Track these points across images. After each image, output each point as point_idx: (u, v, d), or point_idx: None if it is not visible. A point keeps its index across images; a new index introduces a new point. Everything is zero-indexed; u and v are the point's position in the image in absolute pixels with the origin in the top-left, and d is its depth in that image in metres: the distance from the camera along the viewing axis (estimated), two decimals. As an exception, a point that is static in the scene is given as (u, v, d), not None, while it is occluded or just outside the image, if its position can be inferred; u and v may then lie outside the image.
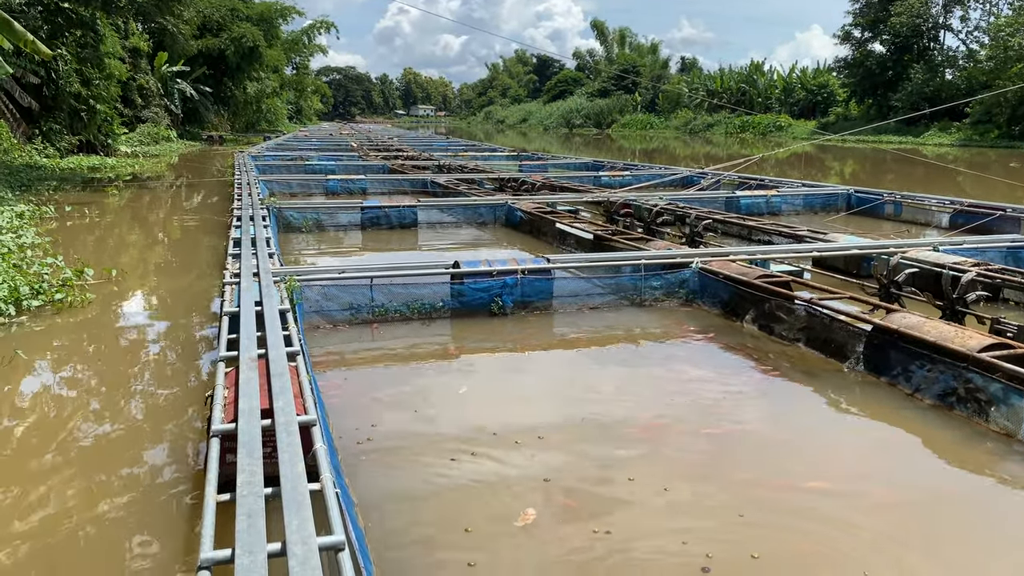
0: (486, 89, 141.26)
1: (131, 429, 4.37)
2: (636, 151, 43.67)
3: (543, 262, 7.12)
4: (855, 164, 31.37)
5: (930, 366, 4.69)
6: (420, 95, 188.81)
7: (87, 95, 23.32)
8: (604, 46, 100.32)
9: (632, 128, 74.70)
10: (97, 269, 8.06)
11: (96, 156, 24.41)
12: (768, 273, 6.73)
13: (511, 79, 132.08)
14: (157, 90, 35.85)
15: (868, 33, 53.38)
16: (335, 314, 6.40)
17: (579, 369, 5.54)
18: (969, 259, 7.20)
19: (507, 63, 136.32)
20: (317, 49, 65.37)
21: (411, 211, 12.16)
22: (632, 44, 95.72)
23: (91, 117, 23.99)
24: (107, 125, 25.84)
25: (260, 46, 44.24)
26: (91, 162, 22.71)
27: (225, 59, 43.53)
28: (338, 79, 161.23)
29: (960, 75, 47.29)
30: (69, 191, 16.28)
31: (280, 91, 61.63)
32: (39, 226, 11.12)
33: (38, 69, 19.95)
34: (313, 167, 21.07)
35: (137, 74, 32.89)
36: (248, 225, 8.68)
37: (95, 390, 5.03)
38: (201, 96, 42.37)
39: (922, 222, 12.41)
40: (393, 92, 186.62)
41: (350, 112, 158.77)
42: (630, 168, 20.27)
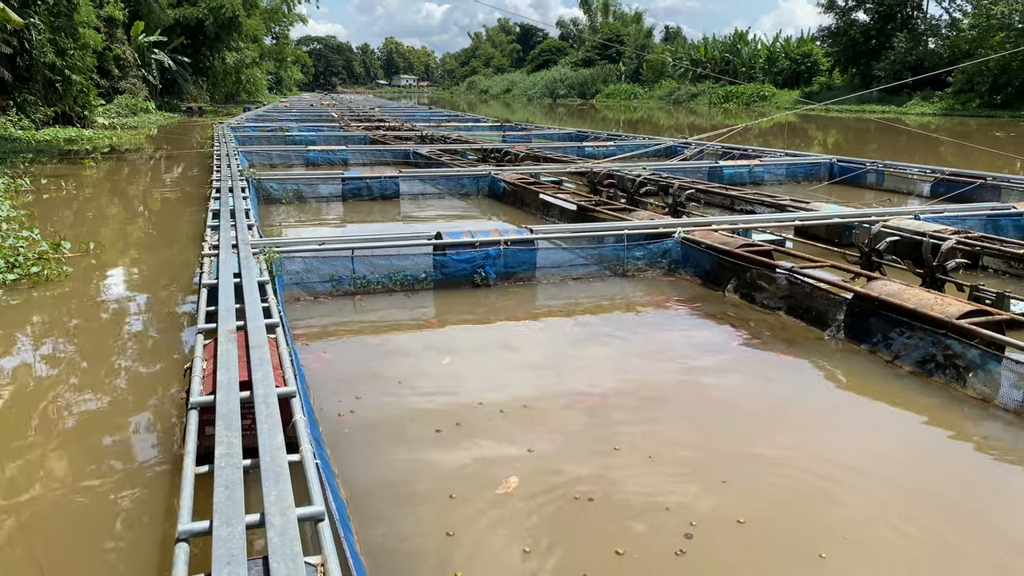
0: (469, 59, 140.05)
1: (111, 402, 4.34)
2: (620, 121, 43.49)
3: (526, 233, 7.09)
4: (838, 134, 31.39)
5: (910, 333, 4.73)
6: (402, 65, 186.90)
7: (62, 65, 22.88)
8: (588, 15, 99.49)
9: (616, 98, 74.32)
10: (75, 242, 7.95)
11: (73, 128, 24.02)
12: (750, 242, 6.74)
13: (494, 48, 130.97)
14: (134, 60, 35.23)
15: (852, 2, 53.17)
16: (316, 286, 6.35)
17: (562, 339, 5.54)
18: (949, 227, 7.23)
19: (490, 32, 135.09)
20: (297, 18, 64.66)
21: (393, 182, 12.07)
22: (616, 13, 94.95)
23: (67, 88, 23.56)
24: (83, 96, 25.39)
25: (239, 15, 43.53)
26: (67, 134, 22.36)
27: (203, 29, 42.80)
28: (319, 49, 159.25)
29: (943, 44, 47.27)
30: (45, 163, 16.02)
31: (260, 61, 60.74)
32: (14, 199, 10.95)
33: (10, 39, 19.53)
34: (293, 138, 20.83)
35: (113, 44, 32.29)
36: (227, 197, 8.58)
37: (74, 364, 4.98)
38: (179, 67, 41.68)
39: (904, 191, 12.46)
40: (375, 62, 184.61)
41: (331, 82, 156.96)
42: (614, 139, 20.18)
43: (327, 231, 9.89)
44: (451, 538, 3.00)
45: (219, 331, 3.92)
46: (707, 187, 11.07)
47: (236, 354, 3.60)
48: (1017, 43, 37.70)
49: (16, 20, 10.56)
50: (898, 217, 7.66)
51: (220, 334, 3.87)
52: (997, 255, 6.73)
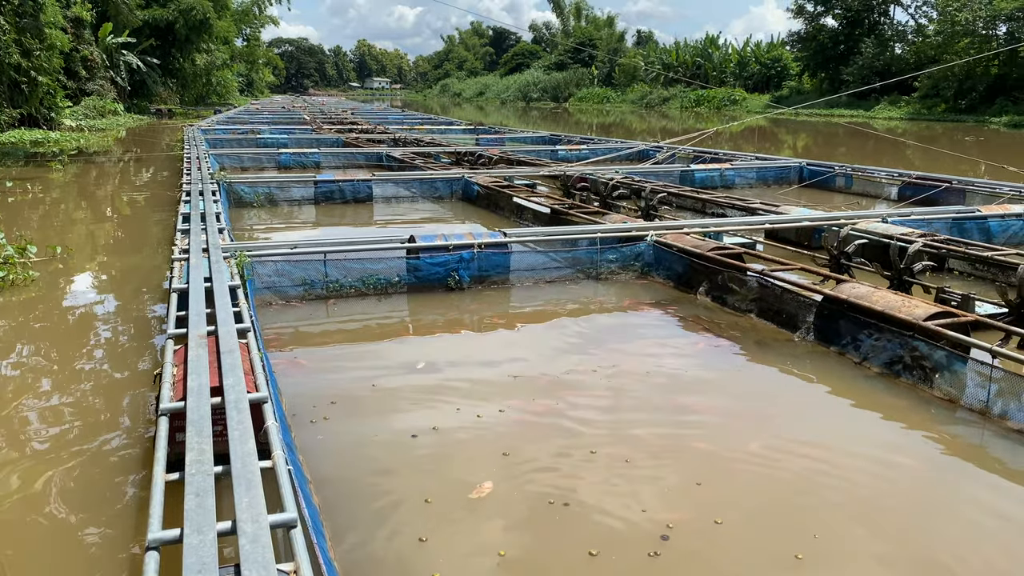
0: (442, 62, 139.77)
1: (79, 408, 4.27)
2: (593, 125, 43.68)
3: (500, 236, 7.09)
4: (808, 138, 31.78)
5: (878, 335, 4.79)
6: (375, 67, 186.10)
7: (27, 67, 22.52)
8: (560, 19, 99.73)
9: (589, 102, 74.61)
10: (41, 246, 7.82)
11: (39, 130, 23.66)
12: (721, 245, 6.80)
13: (467, 52, 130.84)
14: (102, 62, 34.74)
15: (821, 7, 53.89)
16: (288, 290, 6.30)
17: (537, 343, 5.55)
18: (916, 230, 7.36)
19: (463, 35, 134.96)
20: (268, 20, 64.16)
21: (366, 185, 12.02)
22: (588, 17, 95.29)
23: (32, 89, 23.19)
24: (50, 98, 25.01)
25: (210, 17, 43.12)
26: (33, 136, 22.03)
27: (173, 30, 42.35)
28: (290, 51, 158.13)
29: (909, 49, 48.08)
30: (11, 166, 15.76)
31: (230, 63, 60.25)
32: (-22, 203, 10.75)
33: (-26, 40, 19.19)
34: (265, 141, 20.67)
35: (80, 45, 31.82)
36: (198, 200, 8.49)
37: (40, 370, 4.89)
38: (149, 68, 41.17)
39: (872, 194, 12.64)
40: (347, 64, 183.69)
41: (303, 85, 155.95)
42: (587, 142, 20.26)
43: (299, 235, 9.83)
44: (425, 543, 2.99)
45: (189, 336, 3.88)
46: (679, 190, 11.16)
47: (207, 359, 3.57)
48: (981, 49, 38.48)
49: (-20, 20, 10.36)
50: (866, 220, 7.77)
51: (191, 339, 3.83)
52: (962, 257, 6.86)
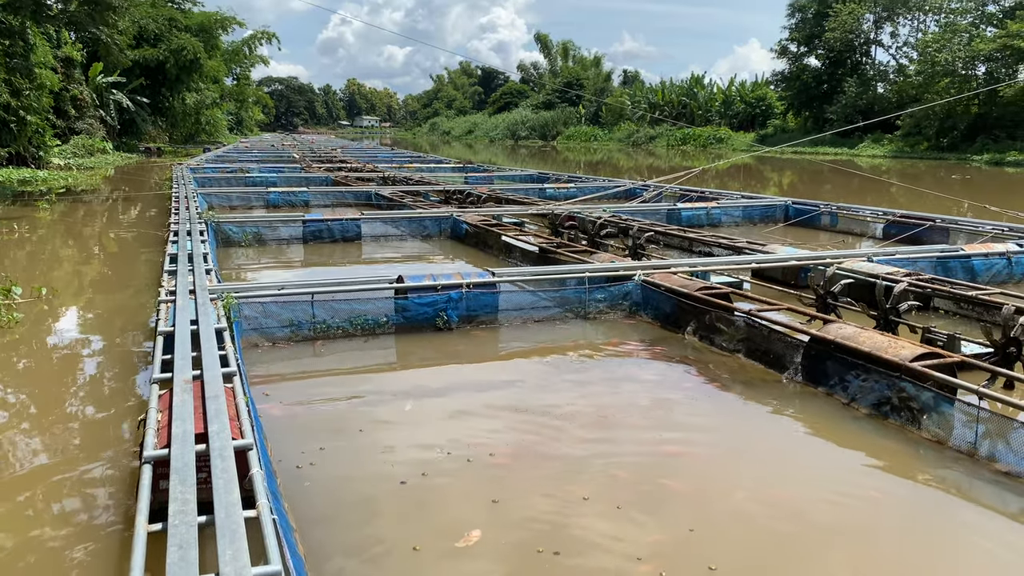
0: (431, 100, 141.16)
1: (61, 455, 4.21)
2: (581, 163, 44.07)
3: (488, 276, 7.10)
4: (793, 175, 32.15)
5: (865, 376, 4.80)
6: (364, 106, 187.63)
7: (17, 106, 22.57)
8: (548, 59, 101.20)
9: (577, 140, 75.38)
10: (27, 287, 7.77)
11: (27, 169, 23.64)
12: (708, 285, 6.83)
13: (456, 91, 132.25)
14: (92, 101, 34.88)
15: (804, 48, 55.01)
16: (275, 331, 6.27)
17: (526, 384, 5.52)
18: (901, 269, 7.43)
19: (452, 75, 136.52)
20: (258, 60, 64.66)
21: (355, 224, 12.04)
22: (575, 57, 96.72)
23: (21, 128, 23.21)
24: (38, 137, 25.03)
25: (200, 57, 43.44)
26: (21, 175, 22.00)
27: (163, 70, 42.61)
28: (280, 90, 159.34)
29: (891, 89, 48.99)
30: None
31: (220, 102, 60.60)
32: (-36, 242, 10.70)
33: (-36, 79, 19.26)
34: (254, 179, 20.73)
35: (70, 84, 31.97)
36: (185, 240, 8.48)
37: (22, 415, 4.83)
38: (138, 107, 41.35)
39: (857, 232, 12.76)
40: (337, 103, 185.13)
41: (293, 123, 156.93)
42: (575, 180, 20.41)
43: (287, 275, 9.81)
44: (412, 593, 2.94)
45: (175, 381, 3.84)
46: (666, 229, 11.23)
47: (192, 405, 3.53)
48: (961, 88, 39.21)
49: (-30, 62, 10.40)
50: (852, 259, 7.84)
51: (176, 384, 3.80)
52: (947, 297, 6.91)
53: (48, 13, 18.91)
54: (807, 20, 54.27)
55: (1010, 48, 38.17)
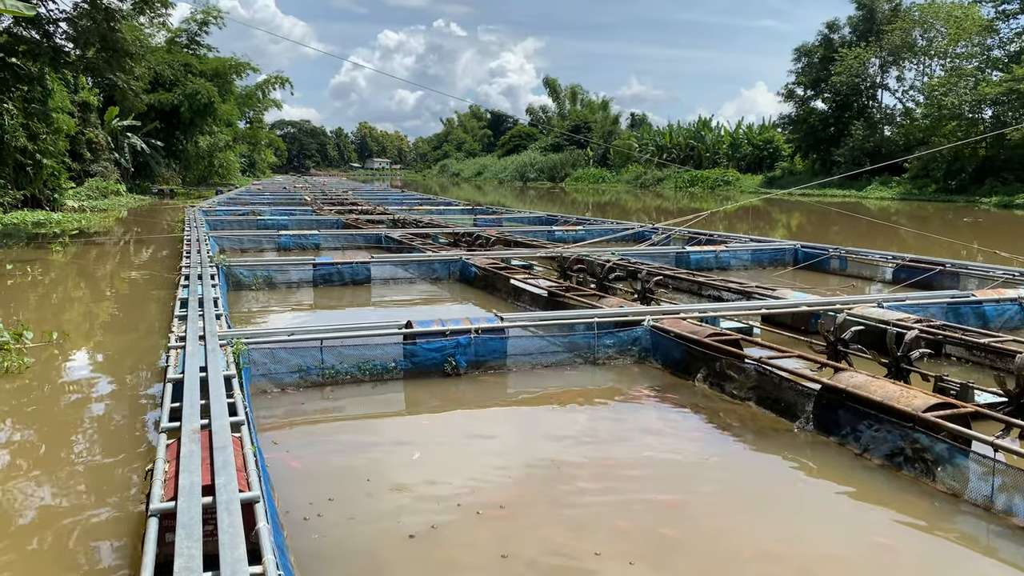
0: (441, 143, 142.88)
1: (69, 501, 4.19)
2: (589, 204, 44.31)
3: (496, 320, 7.09)
4: (801, 217, 32.21)
5: (878, 426, 4.75)
6: (375, 148, 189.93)
7: (33, 149, 22.94)
8: (556, 102, 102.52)
9: (585, 182, 75.94)
10: (38, 331, 7.81)
11: (42, 211, 23.93)
12: (718, 331, 6.80)
13: (466, 133, 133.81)
14: (107, 144, 35.43)
15: (810, 91, 55.49)
16: (284, 377, 6.27)
17: (535, 432, 5.49)
18: (912, 316, 7.39)
19: (462, 118, 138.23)
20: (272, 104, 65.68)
21: (364, 267, 12.09)
22: (584, 101, 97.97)
23: (37, 172, 23.56)
24: (54, 180, 25.39)
25: (214, 101, 44.16)
26: (36, 217, 22.26)
27: (178, 113, 43.32)
28: (293, 132, 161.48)
29: (898, 131, 49.25)
30: (12, 247, 15.88)
31: (233, 144, 61.42)
32: (-23, 285, 10.79)
33: (-18, 124, 19.61)
34: (265, 222, 20.92)
35: (86, 128, 32.50)
36: (196, 285, 8.53)
37: (32, 459, 4.82)
38: (152, 150, 41.96)
39: (867, 276, 12.73)
40: (348, 145, 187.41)
41: (305, 165, 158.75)
42: (583, 223, 20.51)
43: (296, 319, 9.83)
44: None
45: (183, 430, 3.84)
46: (675, 273, 11.24)
47: (199, 456, 3.52)
48: (968, 132, 39.38)
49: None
50: (862, 305, 7.81)
51: (184, 434, 3.79)
52: (959, 344, 6.86)
53: (66, 60, 19.28)
54: (813, 64, 54.86)
55: (1016, 92, 38.42)
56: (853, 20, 53.92)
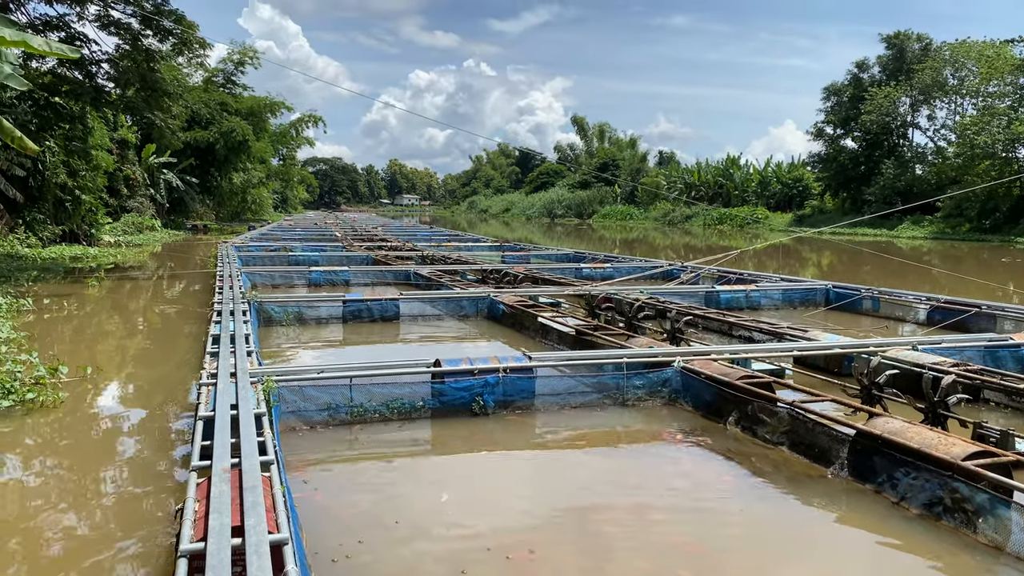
0: (470, 180, 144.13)
1: (98, 536, 4.21)
2: (616, 241, 44.31)
3: (525, 360, 7.08)
4: (832, 256, 31.91)
5: (915, 474, 4.64)
6: (405, 185, 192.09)
7: (73, 186, 23.50)
8: (584, 140, 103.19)
9: (612, 218, 76.05)
10: (72, 365, 7.92)
11: (79, 246, 24.41)
12: (750, 373, 6.72)
13: (494, 170, 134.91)
14: (143, 180, 36.21)
15: (840, 130, 55.29)
16: (312, 415, 6.28)
17: (563, 475, 5.43)
18: (948, 359, 7.25)
19: (490, 155, 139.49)
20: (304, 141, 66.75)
21: (393, 304, 12.15)
22: (611, 138, 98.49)
23: (76, 207, 24.10)
24: (91, 215, 25.94)
25: (249, 139, 45.02)
26: (73, 252, 22.69)
27: (213, 151, 44.20)
28: (324, 169, 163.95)
29: (930, 170, 48.82)
30: (49, 281, 16.18)
31: (266, 181, 62.45)
32: (16, 319, 10.99)
33: (25, 161, 20.13)
34: (297, 258, 21.17)
35: (124, 165, 33.26)
36: (228, 321, 8.62)
37: (62, 497, 4.85)
38: (187, 186, 42.80)
39: (900, 317, 12.53)
40: (378, 182, 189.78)
41: (335, 201, 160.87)
42: (611, 260, 20.50)
43: (326, 356, 9.88)
44: None
45: (213, 469, 3.85)
46: (704, 312, 11.16)
47: (229, 495, 3.53)
48: (1002, 171, 38.95)
49: (32, 148, 10.92)
50: (896, 348, 7.68)
51: (214, 473, 3.80)
52: (998, 389, 6.71)
53: (107, 99, 19.79)
54: (843, 103, 54.77)
55: (1051, 131, 38.00)
56: (883, 59, 53.87)
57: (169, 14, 18.17)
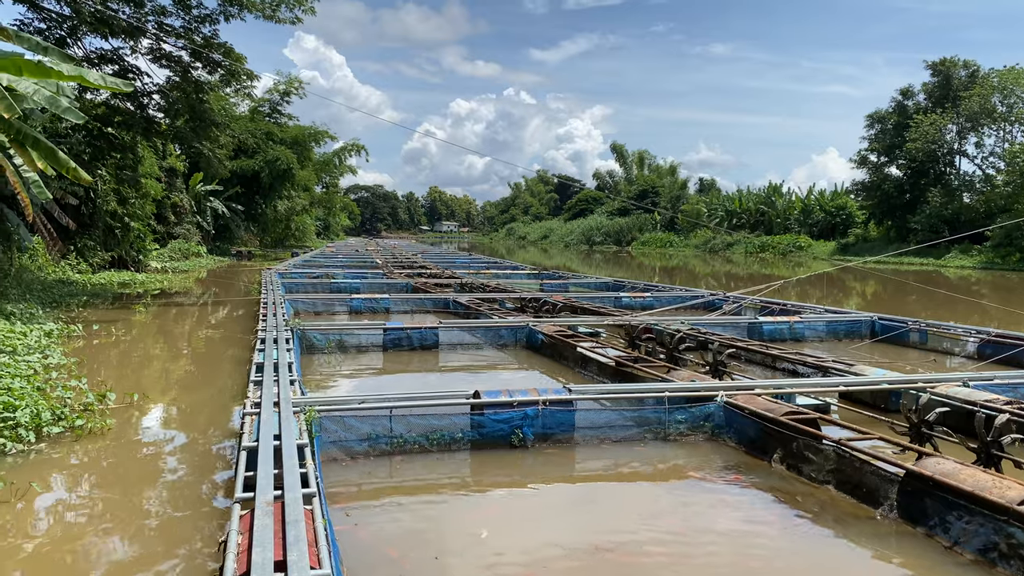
0: (508, 207, 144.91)
1: (142, 566, 4.25)
2: (656, 269, 44.06)
3: (564, 392, 7.04)
4: (876, 285, 31.33)
5: (968, 517, 4.50)
6: (444, 212, 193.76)
7: (122, 213, 24.14)
8: (623, 167, 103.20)
9: (652, 246, 75.70)
10: (120, 391, 8.09)
11: (127, 272, 25.00)
12: (794, 409, 6.59)
13: (533, 198, 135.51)
14: (190, 207, 37.05)
15: (884, 158, 54.43)
16: (354, 445, 6.31)
17: (604, 511, 5.37)
18: (1001, 396, 7.04)
19: (529, 182, 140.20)
20: (347, 169, 67.81)
21: (433, 333, 12.21)
22: (651, 166, 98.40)
23: (125, 234, 24.72)
24: (140, 242, 26.59)
25: (293, 167, 45.86)
26: (121, 278, 23.24)
27: (258, 179, 45.11)
28: (366, 196, 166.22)
29: (978, 199, 47.79)
30: (98, 307, 16.58)
31: (309, 208, 63.44)
32: (66, 345, 11.27)
33: (77, 190, 20.74)
34: (338, 285, 21.42)
35: (172, 192, 34.08)
36: (271, 349, 8.73)
37: (106, 523, 4.93)
38: (232, 213, 43.69)
39: (949, 351, 12.23)
40: (418, 209, 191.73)
41: (376, 228, 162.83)
42: (650, 289, 20.37)
43: (366, 384, 9.94)
44: None
45: (256, 502, 3.88)
46: (747, 344, 11.01)
47: (272, 529, 3.55)
48: (1054, 199, 37.97)
49: (86, 179, 11.25)
50: (946, 384, 7.49)
51: (257, 505, 3.83)
52: (1054, 428, 6.48)
53: (157, 129, 20.35)
54: (887, 131, 53.99)
55: (1104, 158, 37.01)
56: (928, 87, 53.09)
57: (218, 47, 18.65)
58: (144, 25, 18.05)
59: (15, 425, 6.47)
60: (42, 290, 16.73)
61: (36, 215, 16.80)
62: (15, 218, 15.78)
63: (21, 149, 10.85)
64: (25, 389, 7.25)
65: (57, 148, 11.30)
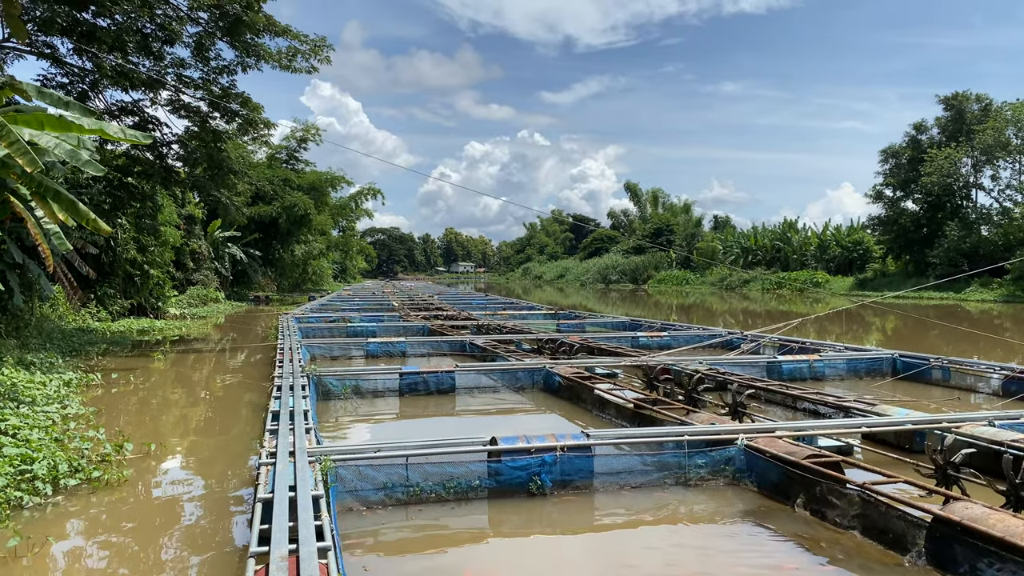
0: (524, 247, 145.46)
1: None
2: (673, 307, 43.89)
3: (582, 438, 6.96)
4: (896, 320, 31.02)
5: (1000, 565, 4.38)
6: (460, 253, 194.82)
7: (142, 261, 24.40)
8: (638, 206, 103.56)
9: (668, 284, 75.55)
10: (137, 439, 8.09)
11: (146, 319, 25.19)
12: (816, 452, 6.48)
13: (548, 237, 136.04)
14: (208, 254, 37.43)
15: (900, 192, 54.25)
16: (370, 495, 6.25)
17: (624, 561, 5.27)
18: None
19: (544, 222, 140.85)
20: (364, 213, 68.40)
21: (449, 377, 12.16)
22: (665, 204, 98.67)
23: (144, 281, 24.96)
24: (159, 289, 26.83)
25: (310, 213, 46.30)
26: (140, 325, 23.41)
27: (276, 225, 45.54)
28: (382, 239, 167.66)
29: (996, 231, 47.43)
30: (117, 354, 16.68)
31: (326, 252, 63.91)
32: (84, 394, 11.32)
33: (98, 239, 21.00)
34: (355, 329, 21.45)
35: (191, 239, 34.47)
36: (287, 396, 8.72)
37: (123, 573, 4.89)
38: (250, 259, 44.09)
39: (972, 387, 12.03)
40: (435, 250, 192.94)
41: (393, 270, 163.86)
42: (668, 328, 20.26)
43: (382, 431, 9.89)
44: None
45: (271, 557, 3.84)
46: (767, 384, 10.89)
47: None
48: (1073, 231, 37.63)
49: (105, 229, 11.40)
50: (971, 423, 7.36)
51: (272, 561, 3.79)
52: (1085, 468, 6.33)
53: (176, 178, 20.64)
54: (901, 165, 53.91)
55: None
56: (941, 121, 53.09)
57: (236, 97, 18.97)
58: (163, 77, 18.42)
59: (32, 478, 6.48)
60: (62, 339, 16.87)
61: (57, 265, 17.03)
62: (36, 268, 15.98)
63: (42, 201, 11.03)
64: (43, 440, 7.28)
65: (78, 200, 11.48)
